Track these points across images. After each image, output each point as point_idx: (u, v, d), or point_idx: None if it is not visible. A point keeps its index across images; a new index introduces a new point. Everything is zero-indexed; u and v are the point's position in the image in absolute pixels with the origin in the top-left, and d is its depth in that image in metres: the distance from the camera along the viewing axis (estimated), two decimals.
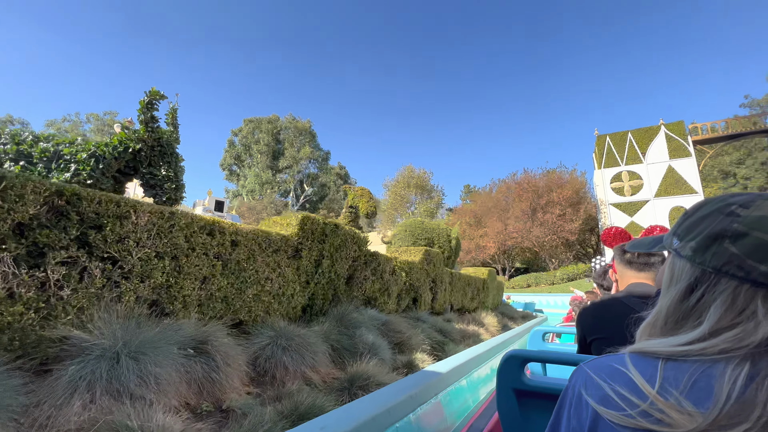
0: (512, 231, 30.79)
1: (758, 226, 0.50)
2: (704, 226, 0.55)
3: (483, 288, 11.98)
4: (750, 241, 0.50)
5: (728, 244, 0.51)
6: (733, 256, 0.51)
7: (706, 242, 0.54)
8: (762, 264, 0.48)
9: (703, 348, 0.51)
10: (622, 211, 28.45)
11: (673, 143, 27.94)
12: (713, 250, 0.53)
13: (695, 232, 0.56)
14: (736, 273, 0.50)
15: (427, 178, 47.48)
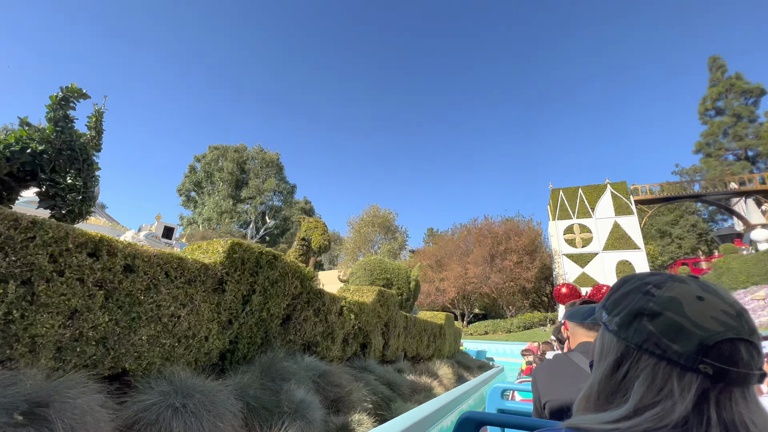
0: (472, 276, 30.95)
1: (670, 306, 0.54)
2: (626, 303, 0.58)
3: (440, 334, 11.40)
4: (664, 321, 0.53)
5: (646, 322, 0.54)
6: (651, 334, 0.53)
7: (628, 318, 0.57)
8: (674, 343, 0.51)
9: (630, 427, 0.52)
10: (574, 262, 29.68)
11: (618, 201, 30.23)
12: (635, 326, 0.55)
13: (620, 308, 0.59)
14: (655, 351, 0.53)
15: (391, 219, 47.70)
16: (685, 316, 0.52)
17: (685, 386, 0.50)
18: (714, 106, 40.49)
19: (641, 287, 0.58)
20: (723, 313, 0.52)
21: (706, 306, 0.53)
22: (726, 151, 38.89)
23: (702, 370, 0.50)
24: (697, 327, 0.51)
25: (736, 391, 0.50)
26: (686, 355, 0.51)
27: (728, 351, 0.50)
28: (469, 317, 38.18)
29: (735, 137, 38.03)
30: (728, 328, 0.51)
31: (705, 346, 0.50)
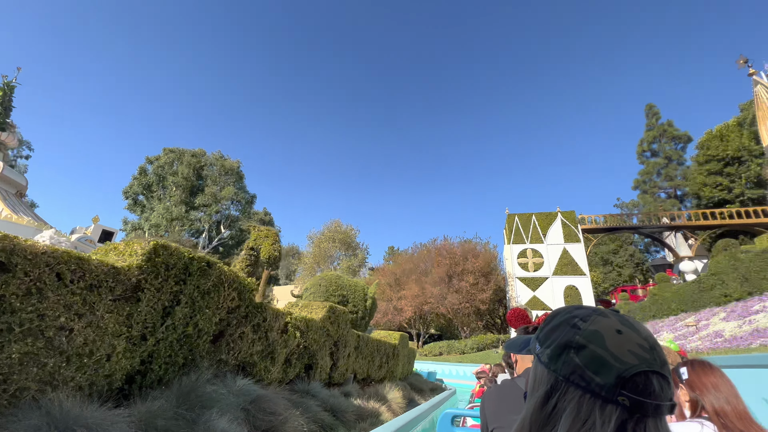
0: (429, 295, 31.02)
1: (593, 339, 0.55)
2: (556, 336, 0.59)
3: (393, 355, 11.02)
4: (588, 353, 0.54)
5: (573, 355, 0.56)
6: (577, 366, 0.55)
7: (557, 351, 0.58)
8: (597, 375, 0.53)
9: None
10: (527, 285, 30.78)
11: (567, 229, 32.07)
12: (563, 359, 0.56)
13: (550, 340, 0.60)
14: (580, 383, 0.54)
15: (353, 235, 47.17)
16: (606, 349, 0.54)
17: (606, 418, 0.52)
18: (649, 148, 44.93)
19: (569, 320, 0.60)
20: (638, 346, 0.55)
21: (624, 339, 0.55)
22: (659, 189, 42.97)
23: (621, 402, 0.52)
24: (616, 360, 0.53)
25: (649, 421, 0.52)
26: (607, 387, 0.52)
27: (642, 383, 0.52)
28: (425, 338, 38.08)
29: (666, 177, 42.24)
30: (642, 361, 0.53)
31: (623, 379, 0.52)
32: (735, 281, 12.23)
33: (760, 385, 5.21)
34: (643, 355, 0.54)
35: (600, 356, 0.54)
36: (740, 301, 11.62)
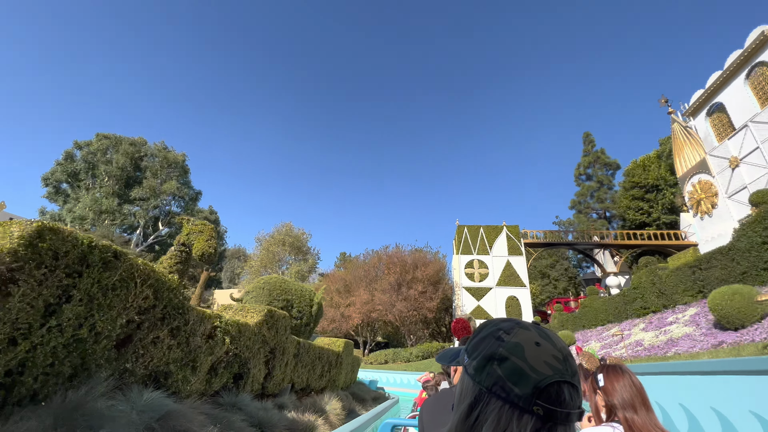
0: (378, 303, 30.85)
1: (514, 351, 0.57)
2: (482, 347, 0.61)
3: (336, 363, 10.57)
4: (509, 365, 0.56)
5: (496, 366, 0.57)
6: (499, 377, 0.56)
7: (482, 362, 0.59)
8: (516, 386, 0.55)
9: None
10: (472, 295, 31.81)
11: (511, 242, 33.79)
12: (487, 370, 0.58)
13: (477, 352, 0.61)
14: (501, 394, 0.55)
15: (305, 239, 45.77)
16: (525, 361, 0.56)
17: (523, 427, 0.54)
18: (585, 172, 49.21)
19: (495, 333, 0.61)
20: (553, 357, 0.57)
21: (541, 351, 0.57)
22: (592, 210, 47.09)
23: (535, 411, 0.54)
24: (533, 371, 0.55)
25: (559, 429, 0.55)
26: (524, 397, 0.54)
27: (555, 393, 0.55)
28: (371, 345, 37.75)
29: (598, 200, 46.45)
30: (556, 371, 0.56)
31: (538, 389, 0.54)
32: (653, 295, 13.47)
33: (676, 389, 5.59)
34: (557, 366, 0.57)
35: (519, 368, 0.56)
36: (657, 313, 12.82)
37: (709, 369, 5.08)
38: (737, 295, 7.25)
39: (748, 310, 7.07)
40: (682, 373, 5.56)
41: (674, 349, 8.09)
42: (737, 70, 19.29)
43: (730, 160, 19.77)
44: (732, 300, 7.28)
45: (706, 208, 21.46)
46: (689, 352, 7.38)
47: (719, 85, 20.49)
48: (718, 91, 20.67)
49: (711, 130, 21.32)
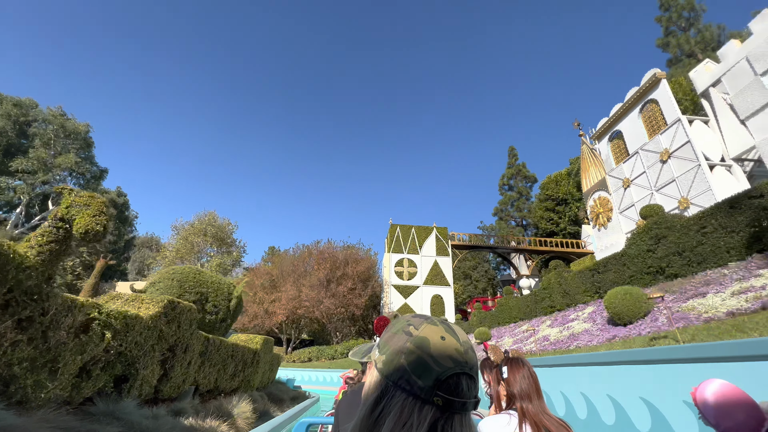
0: (305, 299, 29.80)
1: (421, 345, 0.60)
2: (392, 342, 0.62)
3: (253, 362, 9.71)
4: (415, 359, 0.59)
5: (403, 360, 0.59)
6: (405, 371, 0.58)
7: (391, 357, 0.61)
8: (420, 379, 0.57)
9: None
10: (400, 293, 32.47)
11: (440, 243, 35.25)
12: (395, 364, 0.60)
13: (387, 347, 0.63)
14: (405, 386, 0.58)
15: (229, 231, 42.40)
16: (430, 355, 0.59)
17: (423, 418, 0.56)
18: (508, 183, 53.59)
19: (405, 328, 0.63)
20: (455, 351, 0.60)
21: (445, 345, 0.60)
22: (511, 218, 51.43)
23: (435, 402, 0.57)
24: (436, 364, 0.58)
25: (456, 417, 0.58)
26: (426, 389, 0.57)
27: (454, 384, 0.58)
28: (295, 343, 36.44)
29: (517, 209, 50.92)
30: (457, 364, 0.59)
31: (439, 381, 0.57)
32: (559, 295, 14.90)
33: (578, 379, 6.04)
34: (458, 358, 0.60)
35: (424, 361, 0.58)
36: (561, 311, 14.21)
37: (606, 360, 5.57)
38: (628, 295, 8.26)
39: (636, 307, 8.09)
40: (583, 364, 6.04)
41: (575, 342, 8.93)
42: (634, 104, 22.41)
43: (623, 181, 22.86)
44: (623, 299, 8.26)
45: (603, 221, 24.58)
46: (588, 345, 8.19)
47: (619, 115, 23.61)
48: (618, 121, 23.80)
49: (611, 153, 24.46)
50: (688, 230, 8.79)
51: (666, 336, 5.97)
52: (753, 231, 7.26)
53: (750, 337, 3.87)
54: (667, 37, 36.83)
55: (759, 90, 16.36)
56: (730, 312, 5.50)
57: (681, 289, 7.94)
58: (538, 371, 5.21)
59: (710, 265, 8.16)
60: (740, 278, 6.63)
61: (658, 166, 20.26)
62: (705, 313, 6.06)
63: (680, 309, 7.04)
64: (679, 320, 6.17)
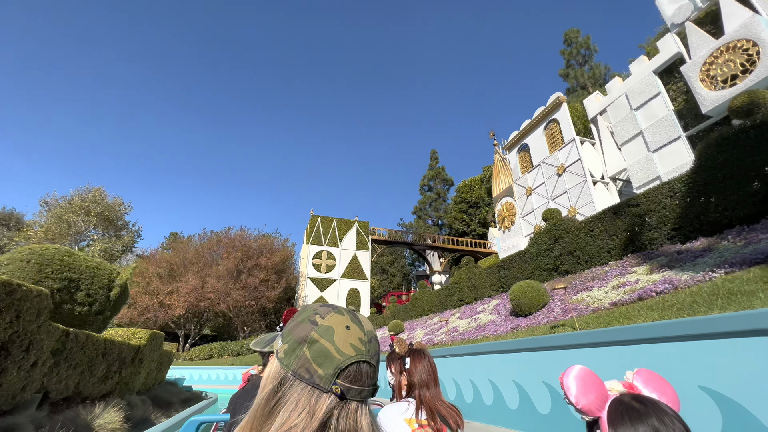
0: (210, 290, 26.97)
1: (325, 334, 0.60)
2: (296, 331, 0.62)
3: (134, 360, 8.17)
4: (318, 348, 0.59)
5: (306, 349, 0.59)
6: (306, 360, 0.58)
7: (293, 346, 0.60)
8: (320, 368, 0.58)
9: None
10: (316, 285, 31.59)
11: (360, 237, 35.26)
12: (296, 353, 0.59)
13: (290, 336, 0.62)
14: (305, 376, 0.58)
15: (121, 211, 36.30)
16: (333, 343, 0.59)
17: (320, 406, 0.56)
18: (428, 184, 56.28)
19: (311, 316, 0.63)
20: (359, 340, 0.61)
21: (350, 334, 0.61)
22: (428, 217, 54.13)
23: (334, 391, 0.57)
24: (338, 352, 0.59)
25: (353, 405, 0.59)
26: (326, 378, 0.57)
27: (354, 372, 0.59)
28: (195, 339, 32.98)
29: (434, 209, 53.80)
30: (359, 352, 0.60)
31: (340, 369, 0.58)
32: (468, 289, 15.86)
33: (488, 366, 6.26)
34: (361, 347, 0.60)
35: (327, 350, 0.58)
36: (469, 304, 15.13)
37: (513, 347, 5.86)
38: (530, 288, 9.05)
39: (537, 300, 8.90)
40: (493, 352, 6.29)
41: (483, 333, 9.47)
42: (540, 121, 25.13)
43: (527, 189, 25.49)
44: (526, 292, 9.02)
45: (508, 224, 27.15)
46: (494, 334, 8.73)
47: (527, 130, 26.25)
48: (526, 135, 26.45)
49: (518, 163, 27.09)
50: (580, 232, 10.03)
51: (564, 324, 6.57)
52: (628, 235, 8.51)
53: (635, 323, 4.35)
54: (568, 69, 42.38)
55: (632, 122, 19.55)
56: (613, 303, 6.28)
57: (572, 284, 8.97)
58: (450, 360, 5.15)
59: (595, 263, 9.43)
60: (618, 274, 7.71)
61: (555, 179, 23.06)
62: (593, 304, 6.84)
63: (572, 301, 7.89)
64: (571, 311, 6.88)
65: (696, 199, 7.03)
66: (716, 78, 15.30)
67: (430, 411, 1.50)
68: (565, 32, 43.00)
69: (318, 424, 0.55)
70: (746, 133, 6.28)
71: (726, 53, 15.18)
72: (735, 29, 14.73)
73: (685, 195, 7.20)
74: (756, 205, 6.06)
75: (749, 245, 5.32)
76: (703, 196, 6.87)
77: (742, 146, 6.30)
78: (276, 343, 0.67)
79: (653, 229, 7.85)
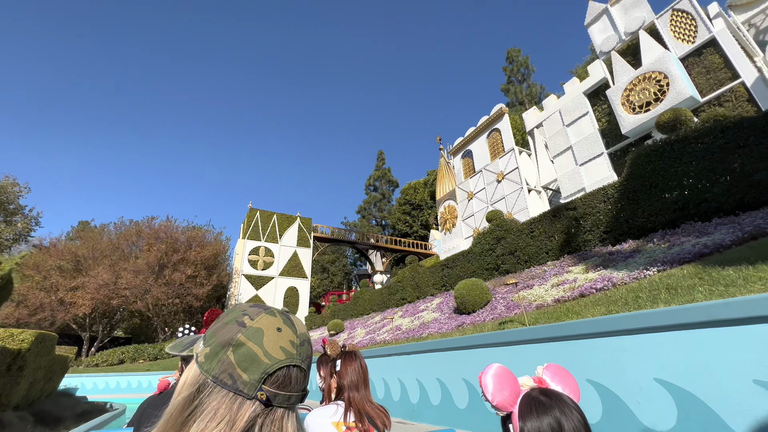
0: (125, 286, 23.79)
1: (254, 337, 0.55)
2: (221, 333, 0.57)
3: (10, 368, 6.59)
4: (244, 351, 0.54)
5: (230, 353, 0.55)
6: (230, 365, 0.54)
7: (216, 349, 0.56)
8: (245, 372, 0.53)
9: None
10: (252, 283, 29.63)
11: (302, 234, 33.92)
12: (219, 357, 0.55)
13: (214, 338, 0.57)
14: (227, 381, 0.53)
15: (14, 193, 30.55)
16: (261, 346, 0.55)
17: (242, 414, 0.52)
18: (374, 184, 56.35)
19: (239, 317, 0.58)
20: (290, 343, 0.57)
21: (280, 337, 0.57)
22: (372, 217, 54.14)
23: (259, 397, 0.54)
24: (267, 356, 0.55)
25: (279, 411, 0.55)
26: (250, 383, 0.53)
27: (282, 376, 0.55)
28: (103, 342, 28.95)
29: (379, 209, 54.00)
30: (289, 356, 0.56)
31: (266, 374, 0.54)
32: (411, 288, 15.85)
33: (436, 364, 6.04)
34: (291, 351, 0.57)
35: (254, 353, 0.54)
36: (412, 303, 15.12)
37: (460, 345, 5.72)
38: (474, 286, 9.17)
39: (480, 297, 9.03)
40: (440, 349, 6.11)
41: (427, 330, 9.37)
42: (483, 130, 26.32)
43: (468, 194, 26.51)
44: (471, 290, 9.12)
45: (449, 227, 27.99)
46: (439, 332, 8.65)
47: (471, 137, 27.35)
48: (470, 142, 27.53)
49: (462, 168, 28.09)
50: (521, 233, 10.48)
51: (512, 320, 6.63)
52: (565, 237, 9.03)
53: (585, 318, 4.42)
54: (509, 84, 45.35)
55: (563, 137, 21.25)
56: (555, 299, 6.50)
57: (512, 283, 9.28)
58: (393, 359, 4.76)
59: (534, 263, 9.88)
60: (557, 273, 8.11)
61: (495, 185, 24.29)
62: (535, 301, 7.04)
63: (513, 299, 8.09)
64: (516, 307, 7.01)
65: (626, 205, 7.65)
66: (634, 103, 17.15)
67: (358, 413, 1.50)
68: (508, 50, 45.95)
69: (241, 430, 0.51)
70: (671, 146, 6.98)
71: (643, 82, 17.06)
72: (650, 62, 16.61)
73: (617, 201, 7.82)
74: (676, 212, 6.77)
75: (673, 246, 5.84)
76: (632, 203, 7.51)
77: (668, 157, 6.99)
78: (197, 346, 0.61)
79: (587, 232, 8.43)
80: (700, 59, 16.31)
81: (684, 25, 17.02)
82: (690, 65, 16.45)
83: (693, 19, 16.56)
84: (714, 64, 15.66)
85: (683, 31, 17.00)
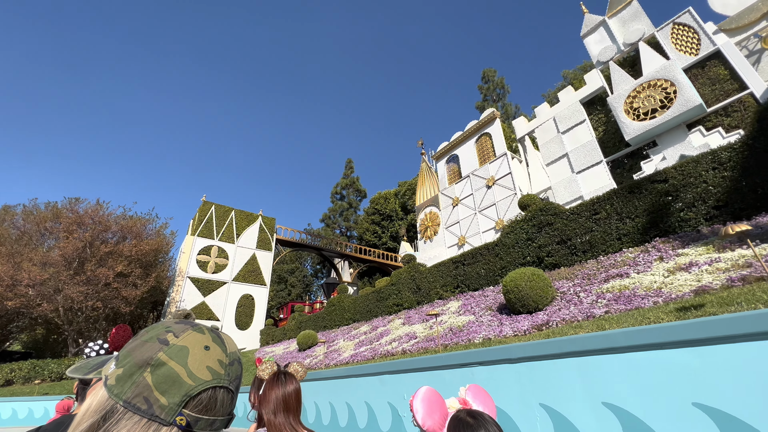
0: (28, 283, 18.44)
1: (177, 356, 0.50)
2: (139, 352, 0.51)
3: None
4: (164, 372, 0.49)
5: (148, 374, 0.49)
6: (146, 387, 0.48)
7: (131, 370, 0.50)
8: (164, 395, 0.48)
9: None
10: (199, 288, 25.15)
11: (263, 235, 30.05)
12: (134, 379, 0.49)
13: (128, 359, 0.51)
14: (141, 406, 0.47)
15: None
16: (185, 366, 0.50)
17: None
18: (340, 192, 53.58)
19: (161, 335, 0.52)
20: (218, 362, 0.53)
21: (208, 356, 0.52)
22: (338, 226, 51.04)
23: (178, 423, 0.48)
24: (191, 377, 0.50)
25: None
26: (168, 408, 0.48)
27: (206, 399, 0.50)
28: None
29: (344, 219, 51.11)
30: (216, 376, 0.51)
31: (189, 397, 0.49)
32: (409, 291, 13.38)
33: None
34: (219, 371, 0.52)
35: (176, 374, 0.49)
36: (412, 308, 12.57)
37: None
38: (536, 276, 6.96)
39: (545, 291, 6.82)
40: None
41: (479, 334, 6.92)
42: (472, 134, 25.13)
43: (453, 200, 24.87)
44: (532, 281, 6.88)
45: (430, 234, 26.03)
46: (510, 335, 6.26)
47: (458, 142, 26.04)
48: (457, 146, 26.20)
49: (446, 174, 26.56)
50: (578, 217, 8.55)
51: (696, 305, 4.41)
52: (650, 217, 7.21)
53: None
54: (483, 103, 45.81)
55: (558, 144, 20.44)
56: (701, 287, 4.48)
57: (580, 274, 7.26)
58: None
59: (598, 253, 7.97)
60: (660, 258, 6.21)
61: (484, 190, 22.88)
62: (657, 290, 4.96)
63: (599, 291, 5.98)
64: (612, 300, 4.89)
65: (755, 170, 5.97)
66: (639, 110, 16.57)
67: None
68: (484, 70, 46.69)
69: None
70: None
71: (647, 89, 16.57)
72: (655, 70, 16.19)
73: (736, 165, 6.19)
74: None
75: None
76: (765, 167, 5.87)
77: None
78: (106, 368, 0.54)
79: (686, 209, 6.72)
80: (704, 71, 16.10)
81: (686, 38, 16.90)
82: (693, 76, 16.22)
83: (696, 33, 16.48)
84: (720, 76, 15.41)
85: (685, 44, 16.86)
